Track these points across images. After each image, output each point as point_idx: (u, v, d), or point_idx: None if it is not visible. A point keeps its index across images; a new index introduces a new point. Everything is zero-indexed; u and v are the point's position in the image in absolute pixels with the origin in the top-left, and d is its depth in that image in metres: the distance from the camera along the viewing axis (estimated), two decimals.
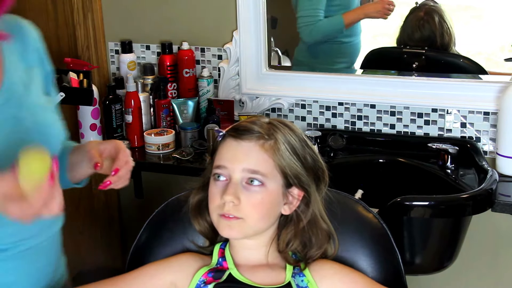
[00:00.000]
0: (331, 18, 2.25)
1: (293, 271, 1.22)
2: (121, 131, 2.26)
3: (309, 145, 1.24)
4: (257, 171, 1.17)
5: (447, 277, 2.08)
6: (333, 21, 2.25)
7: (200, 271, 1.23)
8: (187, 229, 1.33)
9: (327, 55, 2.35)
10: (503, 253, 2.11)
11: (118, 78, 2.33)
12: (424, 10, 2.15)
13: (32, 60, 1.32)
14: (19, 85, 1.26)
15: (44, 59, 1.36)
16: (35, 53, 1.33)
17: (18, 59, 1.29)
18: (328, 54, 2.34)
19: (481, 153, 1.99)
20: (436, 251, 1.87)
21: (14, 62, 1.27)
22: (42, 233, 1.28)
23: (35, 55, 1.33)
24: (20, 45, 1.30)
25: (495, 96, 2.00)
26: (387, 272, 1.31)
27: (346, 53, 2.32)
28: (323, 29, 2.26)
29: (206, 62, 2.35)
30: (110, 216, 2.45)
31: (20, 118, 1.23)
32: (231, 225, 1.18)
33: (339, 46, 2.31)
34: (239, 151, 1.19)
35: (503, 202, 1.75)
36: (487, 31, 2.13)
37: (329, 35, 2.29)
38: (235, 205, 1.17)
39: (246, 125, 1.21)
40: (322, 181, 1.25)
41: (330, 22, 2.26)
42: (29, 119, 1.25)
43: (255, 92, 2.28)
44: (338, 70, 2.31)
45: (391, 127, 2.15)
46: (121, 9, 2.40)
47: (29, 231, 1.22)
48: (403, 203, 1.68)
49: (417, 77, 2.14)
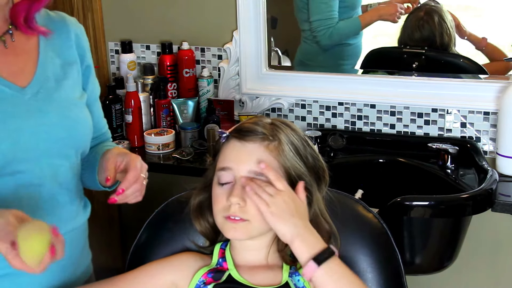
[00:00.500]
0: (348, 20, 2.25)
1: (289, 271, 1.22)
2: (121, 131, 2.26)
3: (310, 144, 1.24)
4: (262, 172, 1.17)
5: (447, 277, 2.08)
6: (351, 23, 2.25)
7: (200, 271, 1.23)
8: (187, 229, 1.33)
9: (333, 57, 2.35)
10: (503, 253, 2.11)
11: (118, 78, 2.33)
12: (424, 10, 2.15)
13: (71, 56, 1.35)
14: (51, 80, 1.29)
15: (85, 55, 1.39)
16: (76, 50, 1.36)
17: (55, 54, 1.32)
18: (334, 56, 2.34)
19: (481, 153, 1.99)
20: (436, 251, 1.87)
21: (51, 57, 1.31)
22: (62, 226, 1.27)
23: (75, 52, 1.36)
24: (61, 41, 1.34)
25: (495, 96, 2.00)
26: (387, 272, 1.31)
27: (350, 54, 2.32)
28: (342, 31, 2.25)
29: (206, 62, 2.35)
30: (110, 216, 2.45)
31: (46, 112, 1.25)
32: (236, 227, 1.18)
33: (345, 48, 2.31)
34: (244, 152, 1.18)
35: (503, 202, 1.75)
36: (487, 31, 2.13)
37: (347, 38, 2.28)
38: (241, 206, 1.16)
39: (249, 126, 1.20)
40: (323, 180, 1.25)
41: (348, 24, 2.25)
42: (56, 113, 1.27)
43: (255, 92, 2.28)
44: (338, 70, 2.31)
45: (391, 127, 2.15)
46: (121, 9, 2.41)
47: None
48: (403, 203, 1.68)
49: (417, 77, 2.14)
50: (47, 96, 1.27)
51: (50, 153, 1.26)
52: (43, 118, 1.24)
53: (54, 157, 1.27)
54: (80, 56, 1.37)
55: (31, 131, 1.22)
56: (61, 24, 1.36)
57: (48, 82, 1.28)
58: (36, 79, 1.27)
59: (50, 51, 1.31)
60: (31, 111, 1.23)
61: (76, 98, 1.33)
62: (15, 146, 1.20)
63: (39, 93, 1.26)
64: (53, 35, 1.31)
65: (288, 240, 1.12)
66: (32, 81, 1.26)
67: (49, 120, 1.25)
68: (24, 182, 1.23)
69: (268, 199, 1.13)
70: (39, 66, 1.28)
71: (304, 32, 2.30)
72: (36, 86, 1.26)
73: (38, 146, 1.24)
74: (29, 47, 1.29)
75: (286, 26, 2.36)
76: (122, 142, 2.18)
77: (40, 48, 1.30)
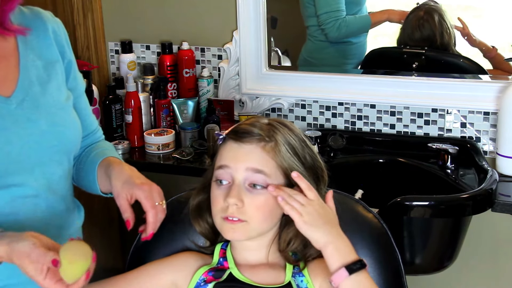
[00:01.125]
0: (359, 16, 2.26)
1: (293, 271, 1.22)
2: (121, 131, 2.26)
3: (308, 144, 1.24)
4: (261, 170, 1.17)
5: (447, 277, 2.08)
6: (361, 19, 2.26)
7: (200, 270, 1.23)
8: (187, 229, 1.33)
9: (337, 55, 2.35)
10: (503, 253, 2.11)
11: (118, 78, 2.33)
12: (424, 9, 2.15)
13: (52, 55, 1.30)
14: (35, 84, 1.24)
15: (66, 51, 1.33)
16: (56, 47, 1.31)
17: (36, 56, 1.27)
18: (339, 54, 2.34)
19: (481, 153, 1.99)
20: (436, 251, 1.87)
21: (32, 59, 1.25)
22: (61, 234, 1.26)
23: (55, 49, 1.30)
24: (39, 40, 1.28)
25: (495, 96, 2.00)
26: (387, 272, 1.31)
27: (355, 53, 2.32)
28: (352, 25, 2.25)
29: (206, 62, 2.35)
30: (110, 216, 2.45)
31: (35, 120, 1.22)
32: (234, 228, 1.18)
33: (349, 47, 2.31)
34: (241, 153, 1.19)
35: (503, 202, 1.75)
36: (487, 31, 2.13)
37: (355, 33, 2.28)
38: (239, 207, 1.16)
39: (246, 128, 1.20)
40: (322, 180, 1.25)
41: (358, 20, 2.26)
42: (44, 121, 1.23)
43: (255, 92, 2.28)
44: (338, 70, 2.31)
45: (391, 127, 2.15)
46: (121, 9, 2.40)
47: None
48: (403, 203, 1.68)
49: (417, 77, 2.14)
50: (33, 103, 1.22)
51: (42, 162, 1.23)
52: (32, 127, 1.21)
53: (47, 166, 1.25)
54: (61, 53, 1.32)
55: (21, 143, 1.19)
56: (37, 21, 1.29)
57: (33, 87, 1.23)
58: (20, 86, 1.22)
59: (30, 53, 1.26)
60: (19, 121, 1.19)
61: (62, 101, 1.29)
62: (6, 159, 1.17)
63: (25, 101, 1.21)
64: (31, 35, 1.25)
65: (321, 246, 1.13)
66: (16, 89, 1.21)
67: (38, 128, 1.22)
68: (19, 194, 1.20)
69: (300, 209, 1.13)
70: (21, 71, 1.23)
71: (310, 29, 2.30)
72: (20, 93, 1.21)
73: (30, 157, 1.20)
74: (8, 51, 1.23)
75: (286, 26, 2.36)
76: (122, 142, 2.18)
77: (20, 51, 1.24)
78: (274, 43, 2.30)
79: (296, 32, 2.31)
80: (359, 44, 2.30)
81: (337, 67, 2.33)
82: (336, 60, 2.36)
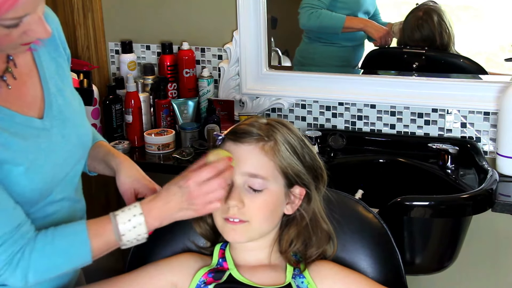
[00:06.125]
0: (335, 14, 2.25)
1: (293, 272, 1.22)
2: (121, 131, 2.26)
3: (307, 144, 1.24)
4: (256, 174, 1.17)
5: (447, 277, 2.08)
6: (335, 17, 2.25)
7: (200, 271, 1.23)
8: (187, 230, 1.33)
9: (325, 57, 2.34)
10: (503, 253, 2.11)
11: (118, 78, 2.33)
12: (423, 10, 2.15)
13: (59, 55, 1.30)
14: (56, 96, 1.24)
15: (66, 47, 1.33)
16: (59, 45, 1.30)
17: (48, 61, 1.26)
18: (327, 55, 2.33)
19: (481, 153, 1.99)
20: (436, 251, 1.87)
21: (47, 68, 1.25)
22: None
23: (60, 49, 1.30)
24: (47, 43, 1.26)
25: (495, 96, 2.00)
26: (387, 272, 1.31)
27: (346, 57, 2.31)
28: (323, 18, 2.23)
29: (206, 62, 2.35)
30: None
31: (67, 136, 1.23)
32: (236, 229, 1.18)
33: (338, 49, 2.30)
34: (239, 155, 1.19)
35: (503, 202, 1.75)
36: (487, 31, 2.13)
37: (325, 28, 2.26)
38: (240, 208, 1.17)
39: (244, 128, 1.20)
40: (321, 179, 1.25)
41: (332, 16, 2.24)
42: (75, 135, 1.25)
43: (255, 92, 2.28)
44: (338, 70, 2.31)
45: (391, 127, 2.15)
46: (121, 9, 2.41)
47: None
48: (403, 203, 1.68)
49: (417, 77, 2.14)
50: (61, 118, 1.23)
51: (74, 171, 1.28)
52: (66, 144, 1.23)
53: (75, 175, 1.30)
54: (64, 50, 1.32)
55: (62, 161, 1.22)
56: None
57: (57, 100, 1.24)
58: (47, 103, 1.22)
59: (43, 61, 1.25)
60: (57, 141, 1.21)
61: (77, 105, 1.31)
62: (56, 179, 1.21)
63: (55, 118, 1.22)
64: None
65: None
66: (45, 107, 1.21)
67: (70, 144, 1.24)
68: (59, 204, 1.25)
69: None
70: (44, 86, 1.23)
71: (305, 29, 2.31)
72: (50, 111, 1.21)
73: (68, 172, 1.25)
74: (29, 67, 1.22)
75: (286, 26, 2.36)
76: (122, 142, 2.18)
77: (36, 61, 1.24)
78: (274, 43, 2.30)
79: (296, 32, 2.31)
80: (351, 48, 2.29)
81: (323, 67, 2.32)
82: (323, 62, 2.35)
